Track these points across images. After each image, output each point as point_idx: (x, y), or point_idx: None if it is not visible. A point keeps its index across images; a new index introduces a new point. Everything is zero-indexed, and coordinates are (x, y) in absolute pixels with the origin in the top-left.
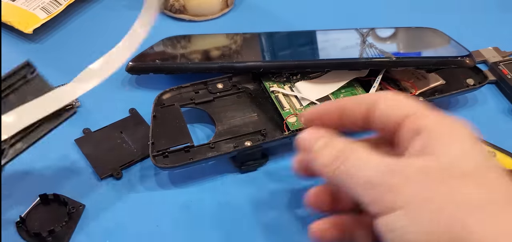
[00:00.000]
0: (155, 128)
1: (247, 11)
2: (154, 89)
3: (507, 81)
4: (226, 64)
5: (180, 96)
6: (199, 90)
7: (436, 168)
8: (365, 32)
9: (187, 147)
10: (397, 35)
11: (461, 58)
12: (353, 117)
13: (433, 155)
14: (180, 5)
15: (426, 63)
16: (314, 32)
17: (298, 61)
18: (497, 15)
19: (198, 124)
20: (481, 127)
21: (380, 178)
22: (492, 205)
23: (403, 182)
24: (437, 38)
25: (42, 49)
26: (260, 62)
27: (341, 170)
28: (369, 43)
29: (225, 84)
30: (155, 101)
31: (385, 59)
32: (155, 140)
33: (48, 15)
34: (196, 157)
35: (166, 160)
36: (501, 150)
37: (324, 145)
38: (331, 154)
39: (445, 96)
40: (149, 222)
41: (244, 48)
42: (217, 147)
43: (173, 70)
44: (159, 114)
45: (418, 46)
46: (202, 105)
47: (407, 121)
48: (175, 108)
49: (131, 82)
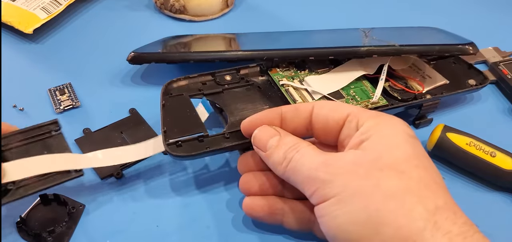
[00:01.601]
0: (166, 116)
1: (247, 11)
2: (154, 89)
3: (507, 81)
4: (230, 53)
5: (187, 87)
6: (207, 82)
7: (365, 161)
8: (367, 31)
9: (201, 136)
10: (399, 31)
11: (463, 46)
12: (293, 125)
13: (365, 149)
14: (180, 5)
15: (429, 51)
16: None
17: (302, 50)
18: (497, 15)
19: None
20: (481, 126)
21: (317, 172)
22: (408, 194)
23: (336, 174)
24: (439, 33)
25: (42, 49)
26: (265, 50)
27: (289, 168)
28: (372, 37)
29: (233, 77)
30: (163, 90)
31: (388, 47)
32: (167, 127)
33: (48, 15)
34: (212, 146)
35: (180, 149)
36: (501, 150)
37: (276, 144)
38: (281, 154)
39: (450, 95)
40: (149, 222)
41: (247, 41)
42: (232, 137)
43: (176, 59)
44: (168, 103)
45: (421, 38)
46: (211, 96)
47: (348, 119)
48: (184, 97)
49: (131, 80)
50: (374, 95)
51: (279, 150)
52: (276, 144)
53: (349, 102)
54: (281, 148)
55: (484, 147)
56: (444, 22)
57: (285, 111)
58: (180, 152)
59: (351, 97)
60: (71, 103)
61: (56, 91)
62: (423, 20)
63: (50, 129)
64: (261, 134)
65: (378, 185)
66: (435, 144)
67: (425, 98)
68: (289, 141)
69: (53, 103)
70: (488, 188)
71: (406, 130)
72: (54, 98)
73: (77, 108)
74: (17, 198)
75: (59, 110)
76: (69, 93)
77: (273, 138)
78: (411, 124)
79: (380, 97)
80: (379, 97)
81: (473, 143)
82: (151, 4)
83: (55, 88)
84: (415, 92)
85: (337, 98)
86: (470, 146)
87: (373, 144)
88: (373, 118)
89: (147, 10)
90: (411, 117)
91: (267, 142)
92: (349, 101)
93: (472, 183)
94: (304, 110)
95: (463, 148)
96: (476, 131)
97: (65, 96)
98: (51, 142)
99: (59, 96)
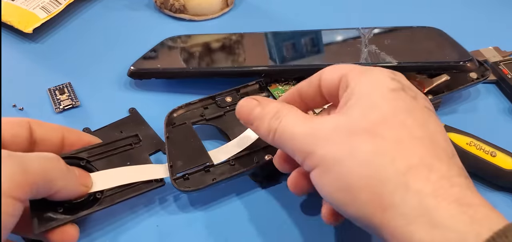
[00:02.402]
0: (171, 149)
1: (247, 11)
2: (154, 89)
3: (507, 81)
4: (228, 68)
5: (189, 114)
6: (208, 106)
7: (343, 127)
8: (366, 33)
9: (207, 166)
10: (399, 37)
11: (463, 63)
12: (309, 96)
13: (345, 114)
14: (180, 4)
15: (427, 68)
16: (315, 32)
17: (301, 66)
18: (498, 15)
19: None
20: (482, 126)
21: (301, 143)
22: (380, 157)
23: (317, 144)
24: (439, 40)
25: (42, 49)
26: (263, 66)
27: (275, 139)
28: (371, 47)
29: (234, 97)
30: (166, 121)
31: (387, 64)
32: (172, 162)
33: (48, 14)
34: (219, 177)
35: (187, 182)
36: (501, 150)
37: (259, 115)
38: (265, 125)
39: (452, 92)
40: (149, 222)
41: (246, 51)
42: (237, 163)
43: (175, 75)
44: (171, 134)
45: (420, 49)
46: (213, 121)
47: (342, 80)
48: (187, 126)
49: (131, 79)
50: None
51: (263, 121)
52: (260, 116)
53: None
54: (265, 118)
55: (485, 146)
56: (444, 22)
57: (300, 86)
58: (188, 185)
59: None
60: (70, 103)
61: (55, 91)
62: (423, 19)
63: (131, 141)
64: (243, 108)
65: (351, 152)
66: None
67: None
68: (270, 110)
69: (52, 103)
70: (488, 188)
71: (387, 84)
72: (54, 98)
73: (77, 108)
74: (105, 207)
75: (59, 110)
76: (69, 93)
77: (255, 109)
78: None
79: None
80: None
81: (473, 143)
82: (151, 3)
83: (54, 88)
84: None
85: None
86: (470, 145)
87: (352, 106)
88: (357, 76)
89: (147, 10)
90: None
91: (250, 115)
92: None
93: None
94: (314, 79)
95: (463, 148)
96: (476, 130)
97: (65, 96)
98: (132, 153)
99: (58, 96)
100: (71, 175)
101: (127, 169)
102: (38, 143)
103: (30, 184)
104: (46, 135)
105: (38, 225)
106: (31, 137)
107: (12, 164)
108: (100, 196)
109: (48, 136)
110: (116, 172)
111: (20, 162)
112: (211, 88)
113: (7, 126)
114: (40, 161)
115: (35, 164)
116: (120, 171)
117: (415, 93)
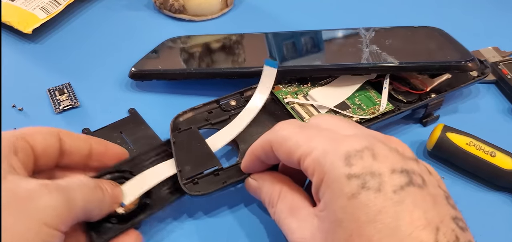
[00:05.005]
0: (179, 153)
1: (247, 11)
2: (154, 89)
3: (507, 81)
4: (229, 69)
5: (194, 118)
6: (212, 110)
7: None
8: (367, 33)
9: (216, 170)
10: (400, 37)
11: (464, 63)
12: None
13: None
14: (180, 5)
15: (429, 68)
16: (316, 32)
17: (303, 67)
18: (497, 15)
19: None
20: (481, 126)
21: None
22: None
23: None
24: (440, 40)
25: (42, 49)
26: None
27: (275, 219)
28: (373, 47)
29: (238, 101)
30: (171, 126)
31: (389, 64)
32: (181, 166)
33: (47, 15)
34: (229, 180)
35: (197, 186)
36: (500, 150)
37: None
38: (266, 202)
39: (454, 90)
40: (149, 222)
41: (247, 52)
42: None
43: (176, 76)
44: (178, 139)
45: (421, 49)
46: (218, 125)
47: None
48: (193, 131)
49: (130, 80)
50: (380, 105)
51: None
52: (260, 196)
53: (355, 112)
54: (265, 198)
55: (484, 146)
56: (444, 22)
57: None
58: (198, 189)
59: (357, 107)
60: (70, 103)
61: (55, 91)
62: (423, 18)
63: (165, 148)
64: (248, 187)
65: None
66: (435, 144)
67: (430, 98)
68: (266, 193)
69: (52, 103)
70: (488, 188)
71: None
72: (54, 98)
73: (77, 108)
74: (155, 211)
75: (59, 110)
76: (69, 93)
77: (256, 191)
78: (418, 122)
79: (386, 102)
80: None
81: (473, 143)
82: (151, 3)
83: (54, 88)
84: (419, 92)
85: (343, 109)
86: (470, 145)
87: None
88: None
89: (147, 10)
90: (418, 116)
91: (255, 194)
92: (355, 111)
93: (472, 183)
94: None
95: (463, 148)
96: (476, 130)
97: (65, 96)
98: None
99: (58, 96)
100: (106, 200)
101: (148, 172)
102: (67, 153)
103: (72, 218)
104: (75, 146)
105: (97, 238)
106: (61, 148)
107: (57, 197)
108: (149, 202)
109: (76, 147)
110: (139, 178)
111: (65, 195)
112: (211, 89)
113: (39, 136)
114: (83, 192)
115: (79, 197)
116: (142, 176)
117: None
